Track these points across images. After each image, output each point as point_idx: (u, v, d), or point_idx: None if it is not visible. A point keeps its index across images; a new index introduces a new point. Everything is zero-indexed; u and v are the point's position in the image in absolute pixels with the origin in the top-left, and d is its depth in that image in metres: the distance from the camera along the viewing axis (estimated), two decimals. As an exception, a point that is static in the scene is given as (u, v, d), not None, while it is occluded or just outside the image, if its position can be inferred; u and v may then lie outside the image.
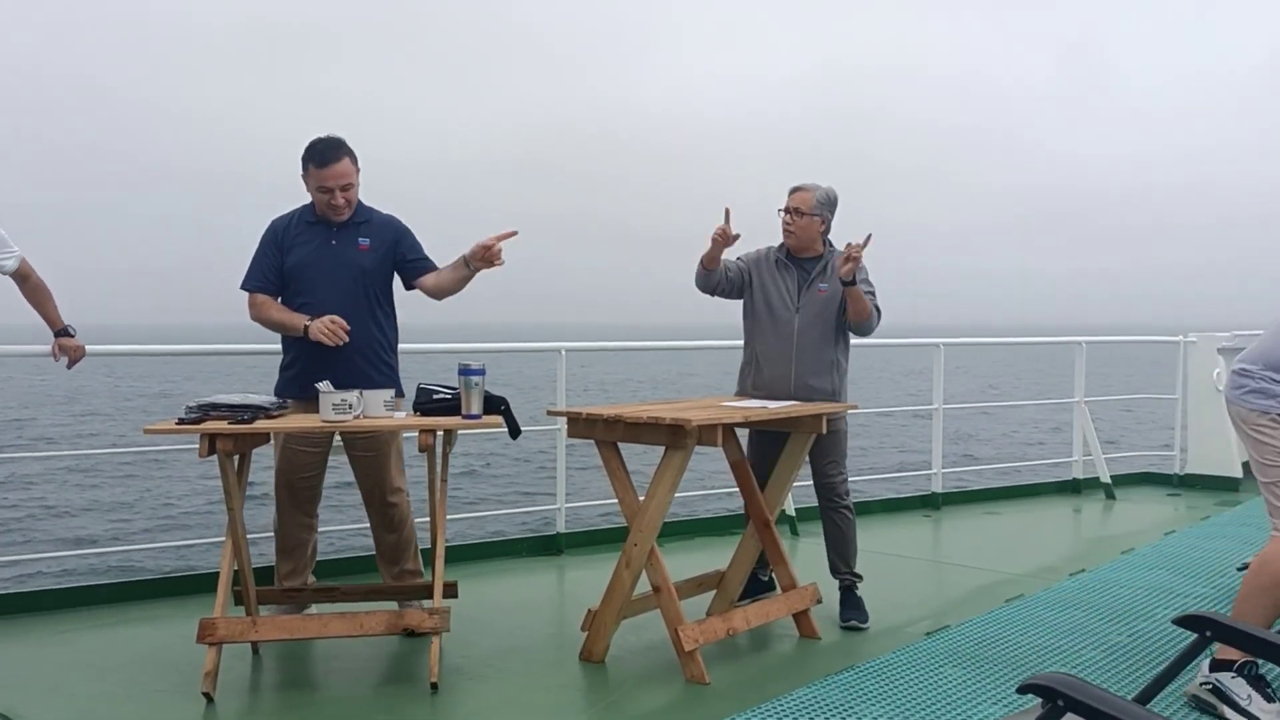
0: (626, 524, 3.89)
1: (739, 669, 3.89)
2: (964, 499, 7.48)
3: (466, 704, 3.50)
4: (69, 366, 4.43)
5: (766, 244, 4.65)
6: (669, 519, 4.56)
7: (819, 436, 4.39)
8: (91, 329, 4.48)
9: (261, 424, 3.56)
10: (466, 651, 3.98)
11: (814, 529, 6.16)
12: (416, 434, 3.65)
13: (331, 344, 3.98)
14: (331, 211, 4.12)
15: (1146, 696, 2.14)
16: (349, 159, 4.09)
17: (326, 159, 4.05)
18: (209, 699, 3.44)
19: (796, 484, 4.73)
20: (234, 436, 3.51)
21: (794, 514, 6.36)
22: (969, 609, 4.61)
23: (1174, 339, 8.30)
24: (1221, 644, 3.06)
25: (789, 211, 4.51)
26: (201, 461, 3.68)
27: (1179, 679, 2.58)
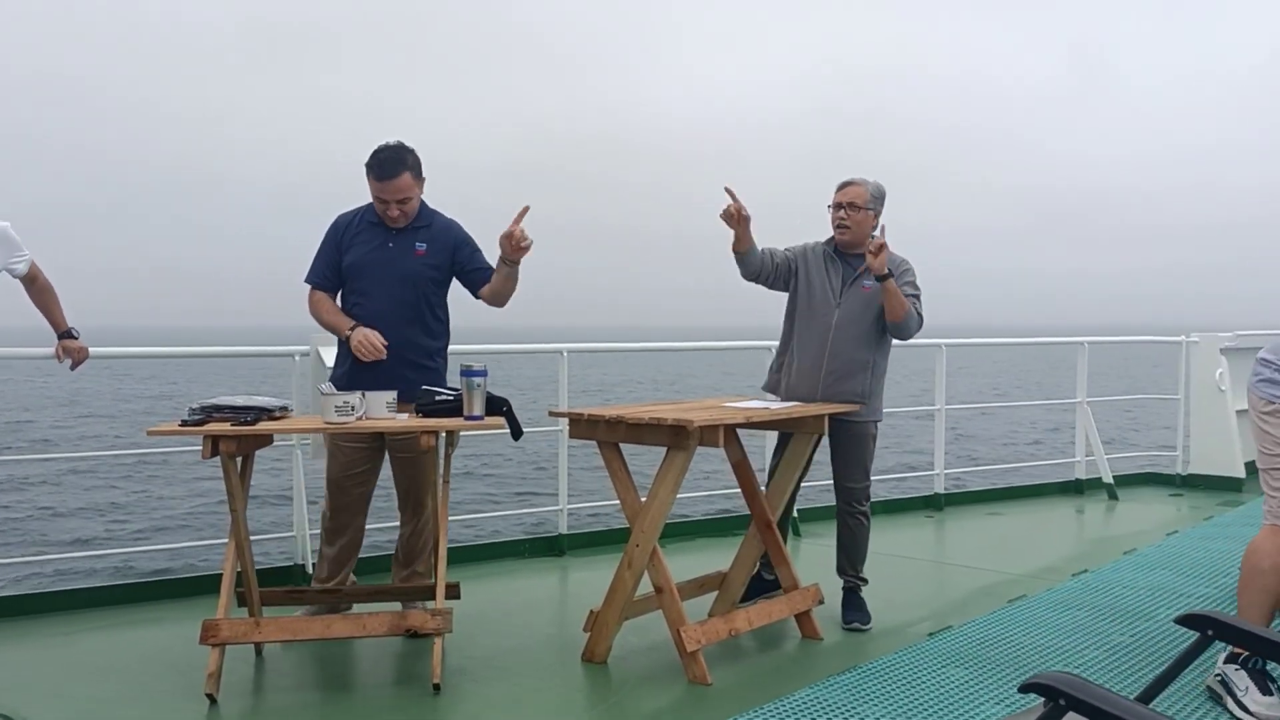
0: (628, 525, 3.89)
1: (741, 670, 3.89)
2: (966, 499, 7.48)
3: (469, 705, 3.50)
4: (72, 368, 4.44)
5: (814, 239, 4.56)
6: (670, 519, 4.57)
7: (843, 439, 4.38)
8: (90, 330, 4.49)
9: (264, 426, 3.57)
10: (469, 652, 3.98)
11: (816, 529, 6.17)
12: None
13: (365, 359, 4.00)
14: (387, 221, 4.14)
15: (1149, 695, 2.14)
16: (409, 174, 4.07)
17: (385, 173, 4.04)
18: (212, 700, 3.44)
19: (805, 484, 4.72)
20: (237, 438, 3.52)
21: (796, 514, 6.36)
22: (971, 609, 4.61)
23: (1176, 339, 8.30)
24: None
25: (843, 207, 4.41)
26: (204, 463, 3.69)
27: (1181, 678, 2.58)
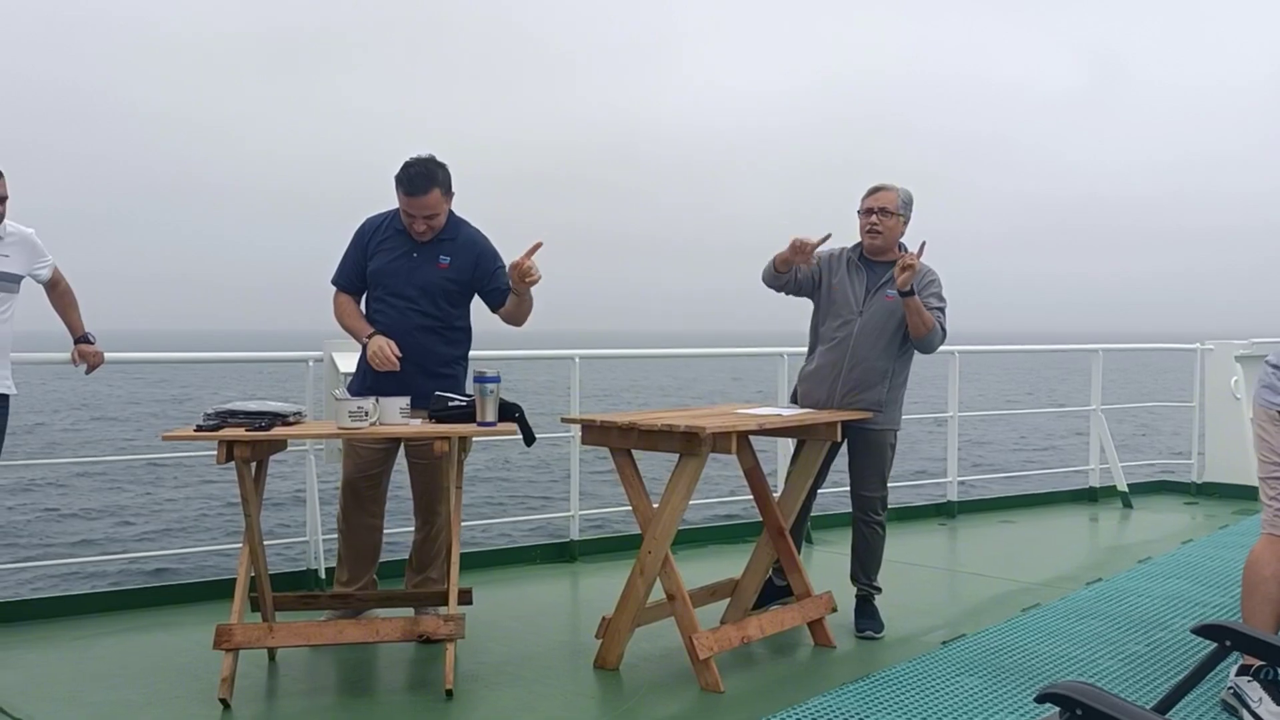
0: (640, 531, 3.89)
1: (754, 677, 3.88)
2: (979, 507, 7.44)
3: (482, 711, 3.50)
4: (88, 372, 4.47)
5: (841, 245, 4.52)
6: (682, 526, 4.56)
7: (860, 447, 4.38)
8: (101, 333, 4.51)
9: (279, 431, 3.58)
10: (481, 658, 3.99)
11: (829, 536, 6.15)
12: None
13: (378, 369, 4.02)
14: (413, 235, 4.15)
15: (1166, 705, 2.13)
16: (439, 190, 4.07)
17: (414, 189, 4.04)
18: (226, 705, 3.45)
19: (822, 491, 4.71)
20: (252, 444, 3.53)
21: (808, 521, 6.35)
22: (985, 618, 4.59)
23: (1191, 346, 8.26)
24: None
25: (874, 212, 4.37)
26: (217, 467, 3.70)
27: (1198, 688, 2.57)
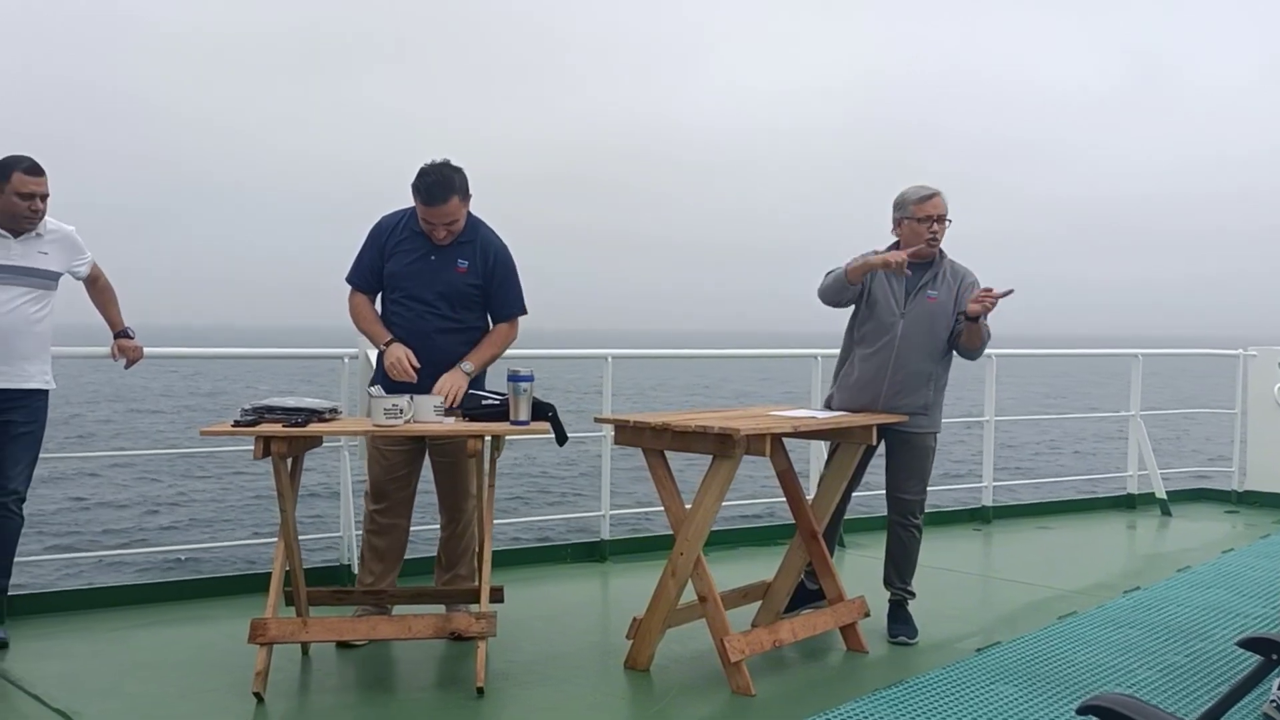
0: (672, 532, 3.88)
1: (785, 681, 3.86)
2: (1015, 513, 7.36)
3: (512, 709, 3.50)
4: (127, 366, 4.51)
5: (871, 248, 4.43)
6: (714, 527, 4.55)
7: (901, 449, 4.34)
8: (136, 327, 4.55)
9: (315, 428, 3.60)
10: (512, 657, 3.99)
11: (861, 540, 6.11)
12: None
13: (394, 378, 4.02)
14: (434, 240, 4.15)
15: (1209, 719, 2.09)
16: (457, 197, 4.06)
17: (432, 199, 4.03)
18: (260, 699, 3.47)
19: (857, 493, 4.68)
20: (288, 439, 3.55)
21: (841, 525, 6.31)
22: (1020, 625, 4.54)
23: (1233, 352, 8.14)
24: None
25: (935, 220, 4.31)
26: (249, 461, 3.73)
27: (1243, 701, 2.52)
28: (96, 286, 4.39)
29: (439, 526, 4.41)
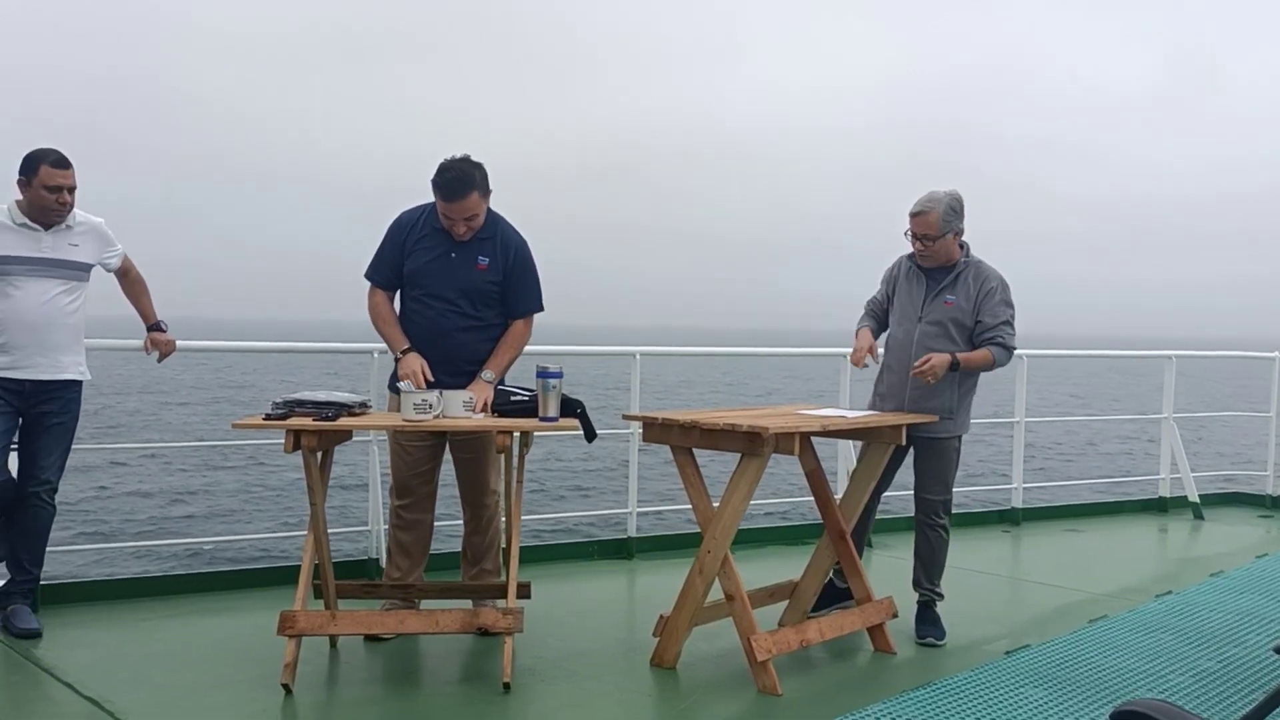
0: (700, 530, 3.87)
1: (812, 681, 3.84)
2: (1045, 515, 7.30)
3: (538, 705, 3.51)
4: (159, 360, 4.55)
5: (902, 251, 4.53)
6: (741, 526, 4.54)
7: (925, 452, 4.32)
8: (168, 321, 4.59)
9: (345, 422, 3.62)
10: (538, 652, 3.99)
11: (889, 541, 6.07)
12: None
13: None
14: (454, 236, 4.14)
15: (1246, 727, 2.05)
16: (477, 193, 4.06)
17: (451, 194, 4.04)
18: (288, 690, 3.49)
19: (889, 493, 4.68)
20: (318, 433, 3.56)
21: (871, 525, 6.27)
22: (1050, 628, 4.50)
23: (1268, 355, 8.03)
24: None
25: (918, 239, 4.33)
26: (276, 454, 3.76)
27: (1279, 710, 2.48)
28: (128, 279, 4.44)
29: (462, 522, 4.43)
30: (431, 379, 4.04)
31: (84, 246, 4.17)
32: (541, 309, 4.32)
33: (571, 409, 3.82)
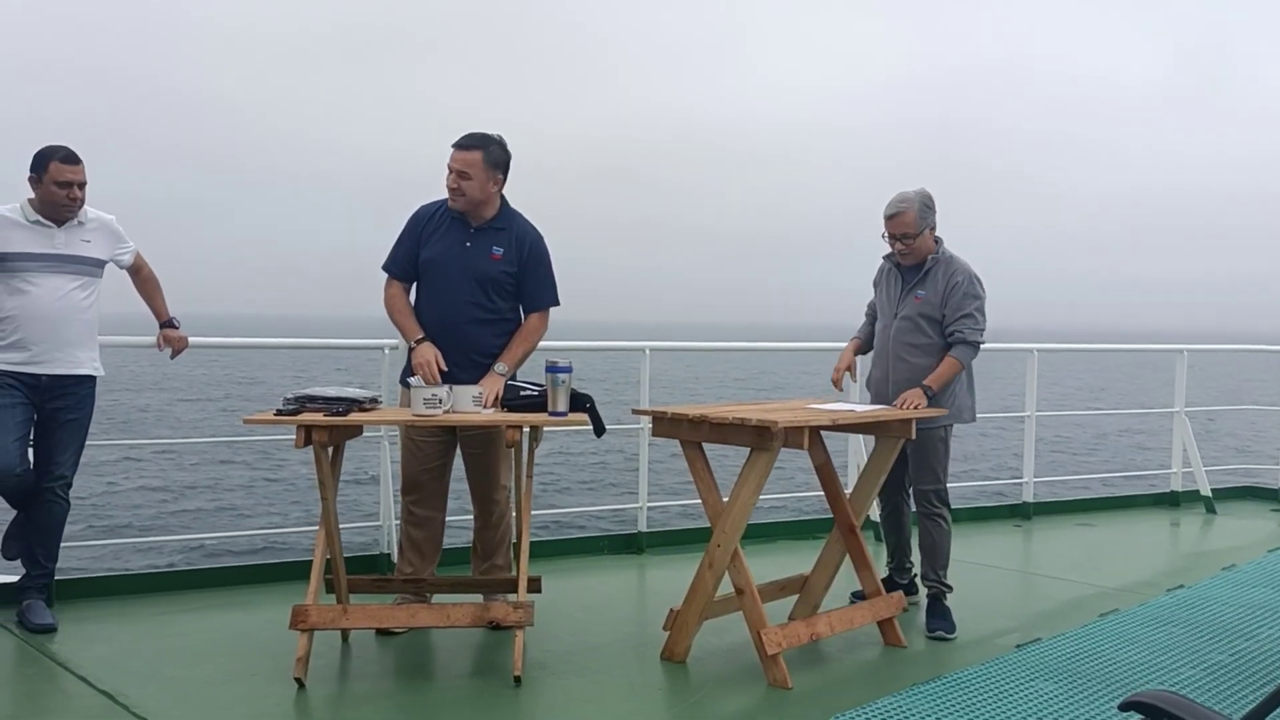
0: (710, 524, 3.87)
1: (822, 675, 3.85)
2: (1056, 509, 7.28)
3: (549, 698, 3.52)
4: (172, 356, 4.57)
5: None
6: (751, 520, 4.55)
7: (915, 443, 4.33)
8: (179, 317, 4.61)
9: (355, 417, 3.63)
10: (549, 646, 4.00)
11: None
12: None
13: (423, 380, 4.04)
14: (448, 193, 4.15)
15: (1256, 717, 2.05)
16: (481, 154, 4.09)
17: (460, 143, 4.12)
18: (301, 684, 3.51)
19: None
20: (329, 428, 3.58)
21: (878, 519, 6.27)
22: (1061, 622, 4.49)
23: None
24: None
25: (898, 239, 4.45)
26: (286, 448, 3.78)
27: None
28: (141, 276, 4.46)
29: (473, 517, 4.44)
30: (445, 368, 4.06)
31: (96, 243, 4.19)
32: (557, 303, 4.32)
33: (581, 404, 3.83)
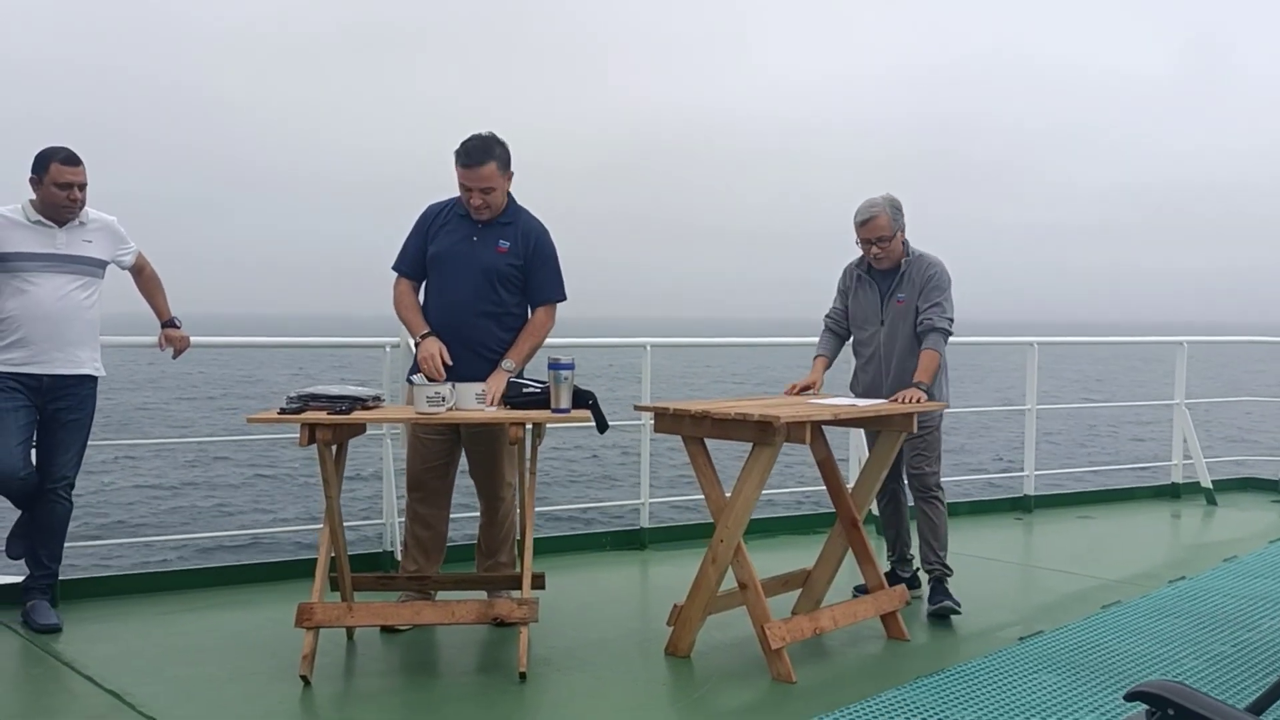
0: (712, 520, 3.88)
1: (826, 669, 3.86)
2: (1057, 502, 7.29)
3: (554, 694, 3.53)
4: (174, 356, 4.58)
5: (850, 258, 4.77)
6: (753, 515, 4.56)
7: (912, 433, 4.37)
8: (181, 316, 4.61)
9: (358, 415, 3.64)
10: (553, 642, 4.02)
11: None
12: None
13: (425, 372, 4.04)
14: (471, 211, 4.17)
15: (1260, 706, 2.06)
16: (495, 164, 4.09)
17: (470, 160, 4.08)
18: (306, 682, 3.52)
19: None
20: (333, 427, 3.59)
21: (877, 512, 6.28)
22: (1063, 614, 4.50)
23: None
24: None
25: (873, 243, 4.53)
26: (291, 446, 3.79)
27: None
28: (143, 276, 4.47)
29: (478, 514, 4.45)
30: (450, 362, 4.06)
31: (98, 243, 4.20)
32: (563, 298, 4.33)
33: (584, 400, 3.84)
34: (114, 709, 3.35)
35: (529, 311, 4.32)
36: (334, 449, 3.75)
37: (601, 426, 3.97)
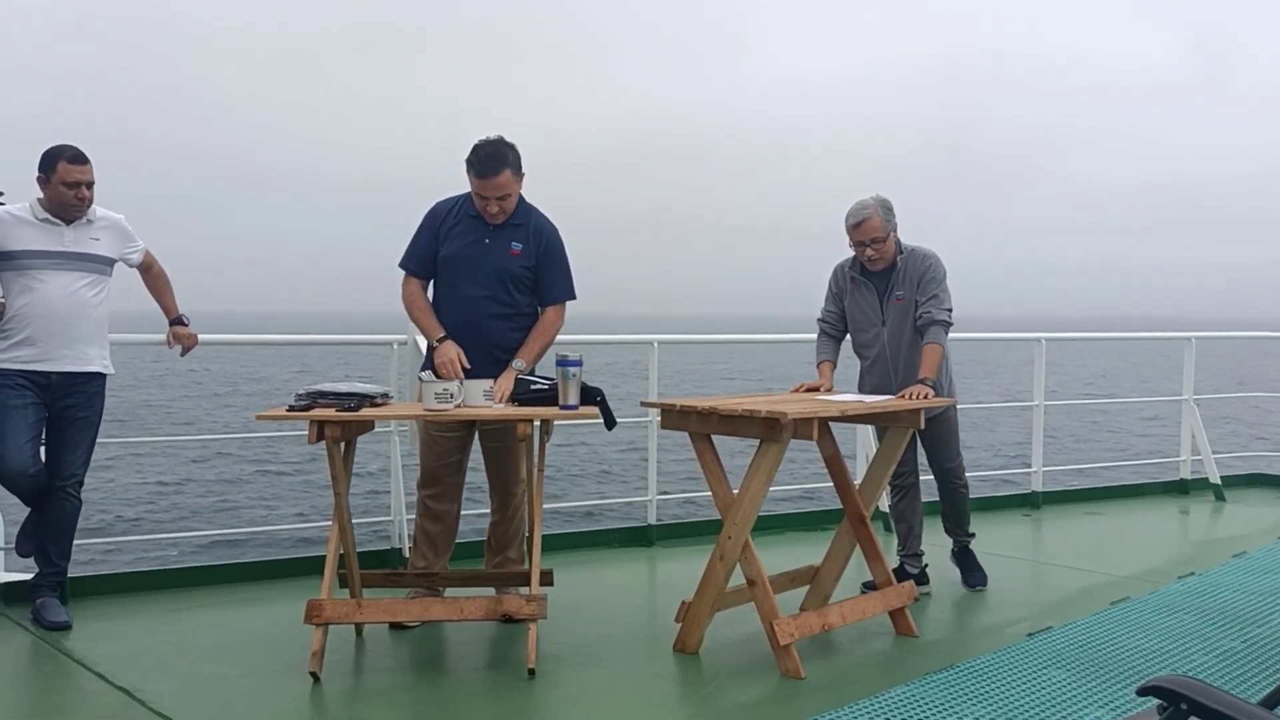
0: (720, 516, 3.88)
1: (834, 665, 3.85)
2: (1065, 498, 7.28)
3: (563, 691, 3.54)
4: (182, 354, 4.59)
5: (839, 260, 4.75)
6: (760, 512, 4.56)
7: (931, 429, 4.41)
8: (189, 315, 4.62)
9: (367, 412, 3.64)
10: (562, 639, 4.02)
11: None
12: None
13: (442, 375, 4.02)
14: (486, 217, 4.16)
15: (1274, 701, 2.05)
16: (509, 171, 4.08)
17: (485, 171, 4.06)
18: (316, 679, 3.53)
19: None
20: (341, 424, 3.59)
21: (888, 510, 6.27)
22: (1072, 610, 4.49)
23: (1289, 335, 7.99)
24: None
25: (867, 245, 4.52)
26: (300, 445, 3.79)
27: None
28: (151, 274, 4.48)
29: (489, 510, 4.45)
30: (469, 366, 4.06)
31: (105, 241, 4.21)
32: (573, 297, 4.33)
33: (591, 397, 3.84)
34: (125, 706, 3.36)
35: (538, 312, 4.32)
36: (342, 446, 3.75)
37: (609, 423, 3.98)
